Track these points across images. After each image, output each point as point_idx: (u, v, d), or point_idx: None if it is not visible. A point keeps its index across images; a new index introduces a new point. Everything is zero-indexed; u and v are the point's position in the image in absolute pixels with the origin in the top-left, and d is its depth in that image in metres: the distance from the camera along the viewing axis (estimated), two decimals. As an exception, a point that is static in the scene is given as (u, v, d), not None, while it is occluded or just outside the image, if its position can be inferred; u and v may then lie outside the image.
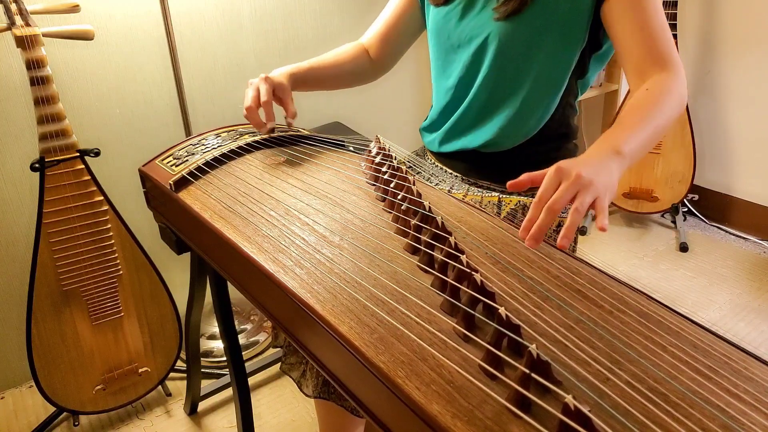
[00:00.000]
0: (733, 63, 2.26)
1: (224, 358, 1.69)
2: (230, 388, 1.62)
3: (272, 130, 1.10)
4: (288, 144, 1.12)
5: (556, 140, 1.05)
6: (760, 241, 2.31)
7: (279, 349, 1.17)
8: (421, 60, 2.14)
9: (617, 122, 0.84)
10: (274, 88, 1.02)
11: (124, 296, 1.41)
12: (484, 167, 1.07)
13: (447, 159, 1.13)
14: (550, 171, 0.69)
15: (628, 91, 0.98)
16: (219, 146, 1.08)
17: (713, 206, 2.45)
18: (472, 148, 1.05)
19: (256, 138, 1.11)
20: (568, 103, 1.04)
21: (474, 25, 0.99)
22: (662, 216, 2.53)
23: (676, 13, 2.16)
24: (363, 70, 1.21)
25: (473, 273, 0.61)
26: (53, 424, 1.54)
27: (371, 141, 1.08)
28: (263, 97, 0.99)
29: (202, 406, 1.58)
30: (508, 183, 0.73)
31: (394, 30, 1.17)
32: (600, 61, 1.02)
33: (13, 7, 1.21)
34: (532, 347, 0.50)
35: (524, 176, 0.72)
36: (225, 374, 1.66)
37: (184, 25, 1.65)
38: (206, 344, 1.77)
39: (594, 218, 2.49)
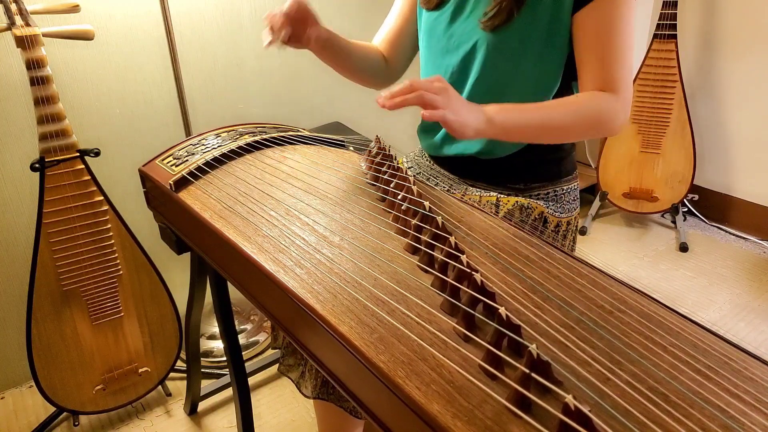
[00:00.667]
0: (733, 63, 2.26)
1: (224, 358, 1.69)
2: (230, 388, 1.62)
3: (274, 41, 0.96)
4: (288, 144, 1.12)
5: (550, 146, 1.05)
6: (760, 241, 2.31)
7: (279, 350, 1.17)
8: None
9: (522, 103, 0.88)
10: (305, 14, 0.96)
11: (124, 296, 1.41)
12: (481, 170, 1.07)
13: (444, 163, 1.13)
14: (434, 79, 0.78)
15: None
16: (219, 146, 1.08)
17: (713, 206, 2.45)
18: (469, 154, 1.05)
19: (256, 138, 1.11)
20: None
21: (462, 30, 1.00)
22: (662, 216, 2.53)
23: (676, 13, 2.16)
24: (379, 67, 1.19)
25: (473, 273, 0.61)
26: (53, 424, 1.54)
27: (371, 141, 1.08)
28: (285, 8, 0.93)
29: (202, 406, 1.58)
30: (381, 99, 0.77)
31: (401, 32, 1.16)
32: None
33: (13, 7, 1.21)
34: (533, 347, 0.50)
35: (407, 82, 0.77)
36: (225, 374, 1.66)
37: (184, 25, 1.65)
38: (206, 344, 1.77)
39: (593, 218, 2.49)
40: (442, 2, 1.03)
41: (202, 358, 1.60)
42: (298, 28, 0.96)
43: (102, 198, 1.33)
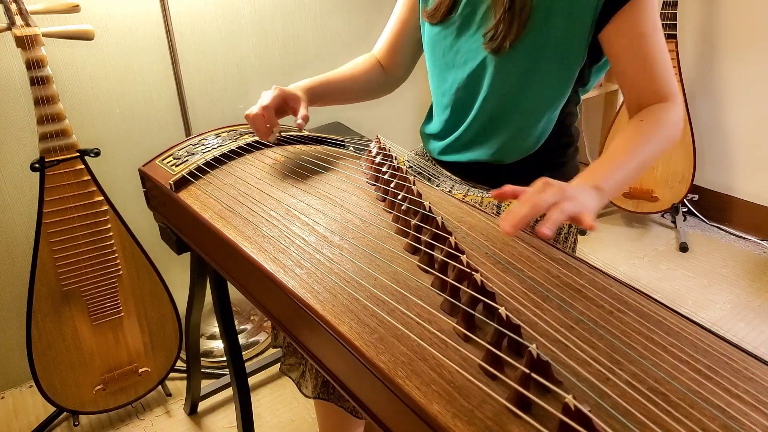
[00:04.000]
0: (733, 63, 2.26)
1: (224, 358, 1.69)
2: (230, 388, 1.62)
3: (274, 140, 1.05)
4: (288, 144, 1.12)
5: (556, 152, 1.05)
6: (760, 241, 2.31)
7: (279, 349, 1.17)
8: (421, 60, 2.13)
9: (606, 155, 0.86)
10: (286, 98, 0.98)
11: (124, 296, 1.41)
12: (487, 175, 1.07)
13: (448, 165, 1.13)
14: (537, 182, 0.72)
15: (623, 102, 0.99)
16: (219, 146, 1.08)
17: (713, 206, 2.45)
18: (476, 161, 1.05)
19: (256, 138, 1.11)
20: (569, 113, 1.04)
21: (469, 48, 0.98)
22: (662, 216, 2.53)
23: (676, 13, 2.16)
24: (378, 82, 1.19)
25: (473, 273, 0.61)
26: (53, 424, 1.54)
27: (371, 141, 1.08)
28: (265, 102, 0.95)
29: (202, 406, 1.58)
30: (493, 192, 0.75)
31: (402, 38, 1.16)
32: (601, 70, 1.01)
33: (13, 7, 1.21)
34: (533, 347, 0.50)
35: (507, 188, 0.74)
36: (225, 374, 1.66)
37: (184, 25, 1.65)
38: (206, 344, 1.77)
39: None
40: (448, 17, 1.01)
41: (202, 358, 1.60)
42: (283, 108, 1.00)
43: (102, 198, 1.33)
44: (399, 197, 0.82)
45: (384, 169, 0.92)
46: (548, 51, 0.92)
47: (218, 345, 1.77)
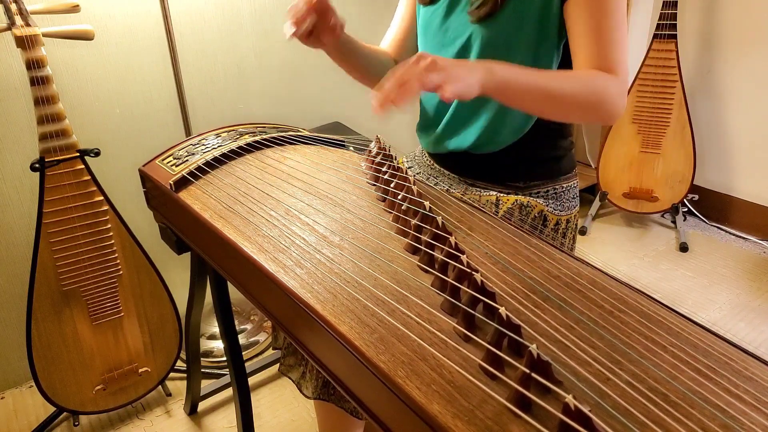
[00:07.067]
0: (733, 63, 2.26)
1: (224, 358, 1.69)
2: (230, 388, 1.62)
3: (297, 31, 0.93)
4: (288, 144, 1.12)
5: (550, 138, 1.05)
6: (760, 241, 2.31)
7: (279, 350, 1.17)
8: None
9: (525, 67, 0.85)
10: (326, 3, 0.94)
11: (124, 296, 1.41)
12: (480, 168, 1.07)
13: (443, 161, 1.13)
14: (412, 57, 0.72)
15: None
16: (219, 146, 1.08)
17: (713, 206, 2.45)
18: (466, 148, 1.05)
19: (256, 138, 1.11)
20: None
21: (457, 25, 1.00)
22: (662, 216, 2.53)
23: (676, 13, 2.16)
24: (388, 69, 1.20)
25: (473, 273, 0.61)
26: (53, 424, 1.54)
27: (371, 141, 1.08)
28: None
29: (202, 406, 1.58)
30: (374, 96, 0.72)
31: (407, 34, 1.17)
32: None
33: (13, 7, 1.21)
34: (533, 347, 0.50)
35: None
36: (225, 374, 1.66)
37: (184, 25, 1.65)
38: (206, 344, 1.77)
39: (593, 218, 2.49)
40: None
41: (202, 358, 1.60)
42: (319, 23, 0.95)
43: (102, 198, 1.33)
44: (399, 197, 0.82)
45: (384, 169, 0.92)
46: (529, 21, 0.94)
47: (218, 345, 1.77)
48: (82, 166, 1.30)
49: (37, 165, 1.25)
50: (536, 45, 0.96)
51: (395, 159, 0.98)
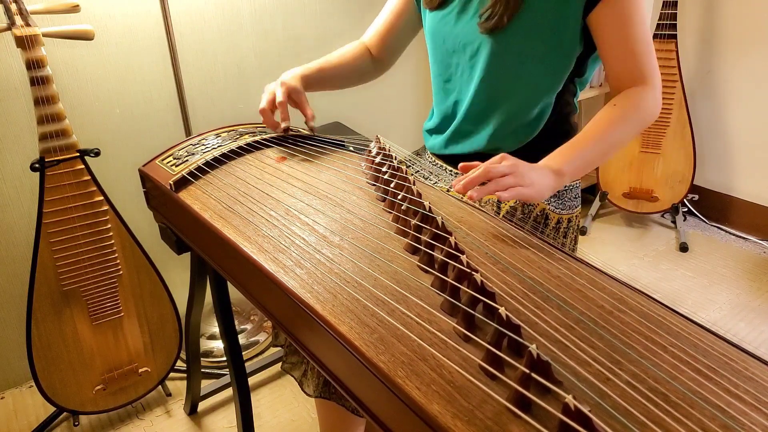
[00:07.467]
0: (733, 63, 2.26)
1: (224, 358, 1.69)
2: (230, 388, 1.62)
3: (287, 130, 1.10)
4: (288, 144, 1.12)
5: (556, 139, 1.05)
6: (760, 241, 2.31)
7: (279, 348, 1.17)
8: (421, 59, 2.14)
9: (575, 138, 0.92)
10: (290, 92, 1.04)
11: (124, 296, 1.41)
12: None
13: (448, 159, 1.13)
14: (497, 156, 0.82)
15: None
16: (219, 146, 1.08)
17: (713, 206, 2.45)
18: (474, 151, 1.06)
19: (256, 138, 1.11)
20: (566, 102, 1.04)
21: (468, 31, 1.00)
22: (662, 216, 2.53)
23: (676, 13, 2.16)
24: (366, 68, 1.22)
25: (473, 273, 0.61)
26: (53, 424, 1.54)
27: (371, 141, 1.08)
28: (279, 98, 1.01)
29: (202, 406, 1.58)
30: (460, 165, 0.84)
31: (393, 28, 1.18)
32: (597, 60, 1.02)
33: (13, 7, 1.21)
34: (533, 347, 0.50)
35: (469, 163, 0.84)
36: (225, 374, 1.66)
37: (184, 25, 1.65)
38: (206, 344, 1.77)
39: (593, 218, 2.49)
40: (445, 2, 1.03)
41: (202, 358, 1.60)
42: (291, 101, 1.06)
43: (102, 198, 1.33)
44: (399, 197, 0.82)
45: (384, 169, 0.92)
46: (541, 32, 0.94)
47: (218, 345, 1.77)
48: (82, 166, 1.30)
49: (37, 165, 1.25)
50: (548, 56, 0.96)
51: (395, 159, 0.98)
